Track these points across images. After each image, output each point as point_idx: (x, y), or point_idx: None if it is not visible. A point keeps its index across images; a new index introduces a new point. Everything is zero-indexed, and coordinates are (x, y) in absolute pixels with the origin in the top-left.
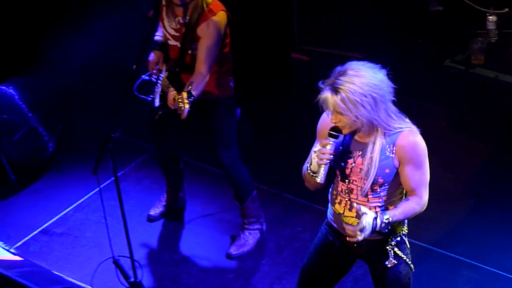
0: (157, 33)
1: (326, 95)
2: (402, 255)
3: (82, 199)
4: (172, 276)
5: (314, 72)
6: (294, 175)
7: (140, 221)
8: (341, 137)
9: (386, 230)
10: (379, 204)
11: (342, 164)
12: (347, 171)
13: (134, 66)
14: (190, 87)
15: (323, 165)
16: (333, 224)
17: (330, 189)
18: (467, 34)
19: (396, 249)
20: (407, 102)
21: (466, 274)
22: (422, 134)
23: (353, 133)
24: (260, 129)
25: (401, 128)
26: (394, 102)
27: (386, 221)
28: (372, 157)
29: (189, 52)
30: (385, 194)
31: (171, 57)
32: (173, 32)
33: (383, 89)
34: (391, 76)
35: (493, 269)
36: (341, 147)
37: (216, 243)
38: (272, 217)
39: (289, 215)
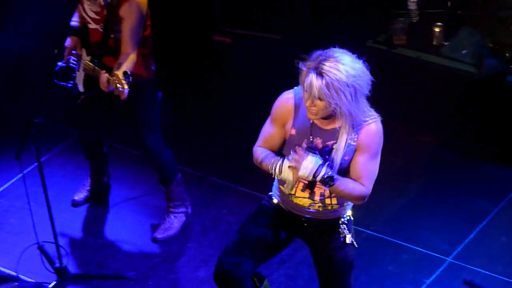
0: (73, 19)
1: (312, 78)
2: (348, 235)
3: (5, 186)
4: (98, 261)
5: (236, 54)
6: (219, 157)
7: (65, 207)
8: (304, 122)
9: (326, 187)
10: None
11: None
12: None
13: (56, 50)
14: (119, 68)
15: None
16: (280, 204)
17: None
18: (389, 14)
19: (346, 229)
20: None
21: (392, 253)
22: None
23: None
24: (184, 112)
25: (371, 119)
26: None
27: (330, 175)
28: (339, 147)
29: (112, 36)
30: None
31: (91, 41)
32: (93, 15)
33: (364, 80)
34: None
35: (418, 248)
36: (295, 132)
37: (141, 227)
38: (198, 200)
39: (214, 198)
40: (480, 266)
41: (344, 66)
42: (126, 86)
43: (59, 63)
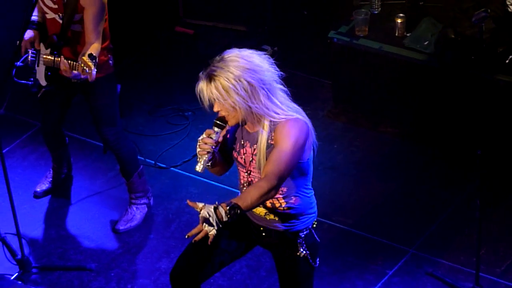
0: (34, 13)
1: (202, 84)
2: (309, 250)
3: None
4: (60, 252)
5: (198, 45)
6: (181, 148)
7: (26, 198)
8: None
9: (236, 215)
10: (280, 196)
11: (236, 152)
12: (241, 161)
13: (18, 41)
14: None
15: (204, 155)
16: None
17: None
18: (351, 5)
19: (305, 243)
20: (293, 74)
21: (354, 244)
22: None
23: (244, 123)
24: (145, 103)
25: (287, 116)
26: (289, 93)
27: (230, 207)
28: (260, 148)
29: (71, 27)
30: (283, 185)
31: (49, 33)
32: (51, 5)
33: (262, 73)
34: (276, 61)
35: (380, 239)
36: (230, 136)
37: (103, 218)
38: (160, 191)
39: (176, 189)
40: (442, 257)
41: (234, 63)
42: (93, 67)
43: (17, 63)
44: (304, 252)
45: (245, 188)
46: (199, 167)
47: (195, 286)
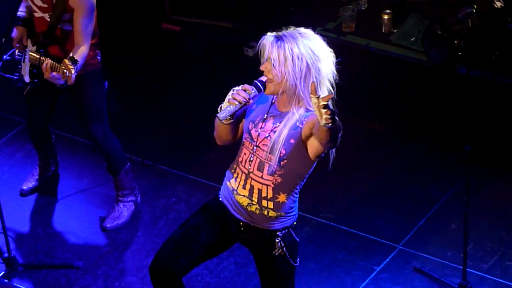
0: (20, 9)
1: (267, 39)
2: (287, 250)
3: None
4: (47, 250)
5: (185, 42)
6: (168, 146)
7: (13, 196)
8: (265, 100)
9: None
10: (272, 185)
11: (253, 123)
12: (254, 134)
13: (3, 39)
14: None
15: (232, 105)
16: (225, 203)
17: (231, 164)
18: (338, 2)
19: (282, 242)
20: None
21: (342, 240)
22: None
23: (274, 98)
24: (132, 100)
25: None
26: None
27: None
28: (284, 127)
29: (59, 26)
30: (281, 173)
31: (37, 30)
32: (40, 4)
33: (322, 63)
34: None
35: (368, 235)
36: (253, 105)
37: (91, 216)
38: (147, 188)
39: (163, 186)
40: (429, 253)
41: (304, 39)
42: (73, 71)
43: (4, 56)
44: (281, 250)
45: (238, 168)
46: (222, 114)
47: (174, 279)
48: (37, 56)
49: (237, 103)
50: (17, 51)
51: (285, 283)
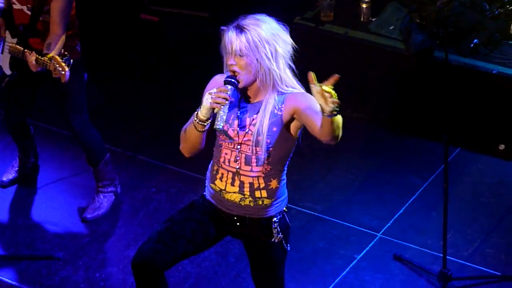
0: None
1: (231, 34)
2: (282, 234)
3: None
4: (27, 241)
5: (164, 32)
6: (148, 137)
7: None
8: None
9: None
10: (262, 175)
11: (228, 123)
12: (232, 133)
13: None
14: (48, 50)
15: (219, 110)
16: (213, 202)
17: (209, 167)
18: None
19: (279, 227)
20: None
21: (322, 229)
22: None
23: (241, 96)
24: (111, 91)
25: (294, 89)
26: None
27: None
28: (265, 114)
29: (41, 18)
30: (269, 161)
31: (16, 22)
32: None
33: (285, 45)
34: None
35: (348, 224)
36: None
37: (71, 207)
38: (127, 179)
39: (143, 177)
40: (410, 241)
41: (265, 24)
42: (66, 69)
43: None
44: (279, 236)
45: (220, 169)
46: (220, 123)
47: (157, 273)
48: (20, 48)
49: (221, 105)
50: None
51: (279, 269)
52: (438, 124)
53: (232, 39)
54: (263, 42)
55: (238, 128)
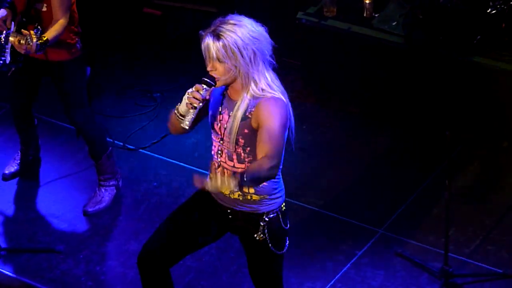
0: None
1: (208, 41)
2: (271, 235)
3: None
4: (28, 234)
5: (167, 26)
6: (150, 130)
7: None
8: (217, 95)
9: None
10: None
11: (214, 117)
12: (216, 127)
13: None
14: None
15: (191, 110)
16: (212, 194)
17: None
18: None
19: (268, 226)
20: None
21: (324, 225)
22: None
23: (225, 89)
24: (113, 86)
25: (270, 93)
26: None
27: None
28: (235, 115)
29: (34, 6)
30: (250, 159)
31: (17, 11)
32: None
33: (263, 43)
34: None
35: (350, 220)
36: (211, 101)
37: (72, 200)
38: (128, 173)
39: (145, 171)
40: (411, 237)
41: (241, 28)
42: (35, 39)
43: None
44: (262, 236)
45: (214, 160)
46: (185, 124)
47: (162, 270)
48: (16, 36)
49: (195, 105)
50: (3, 35)
51: (268, 269)
52: (441, 121)
53: (209, 46)
54: (240, 48)
55: (220, 123)
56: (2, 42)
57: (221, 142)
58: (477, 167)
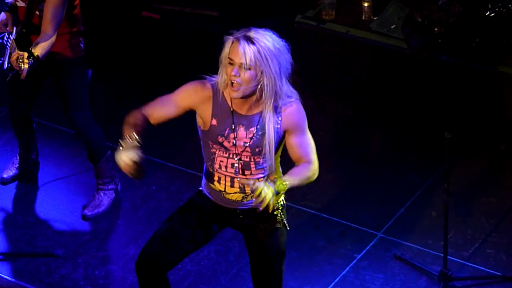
0: None
1: (244, 45)
2: (284, 220)
3: None
4: (27, 238)
5: (165, 30)
6: (148, 134)
7: None
8: (224, 110)
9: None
10: (262, 176)
11: (223, 136)
12: (227, 145)
13: None
14: (34, 47)
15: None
16: (211, 198)
17: (204, 167)
18: None
19: (281, 213)
20: None
21: (323, 228)
22: None
23: (231, 107)
24: (112, 88)
25: (290, 101)
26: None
27: (285, 185)
28: (268, 132)
29: (37, 13)
30: (267, 165)
31: (20, 19)
32: None
33: (286, 59)
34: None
35: (348, 223)
36: (216, 119)
37: (71, 204)
38: (127, 177)
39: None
40: (410, 240)
41: (272, 38)
42: (26, 66)
43: None
44: (283, 222)
45: (216, 173)
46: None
47: (160, 274)
48: (14, 45)
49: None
50: (5, 36)
51: (278, 262)
52: (439, 123)
53: (245, 49)
54: (271, 55)
55: (234, 141)
56: (4, 42)
57: (236, 157)
58: (475, 170)
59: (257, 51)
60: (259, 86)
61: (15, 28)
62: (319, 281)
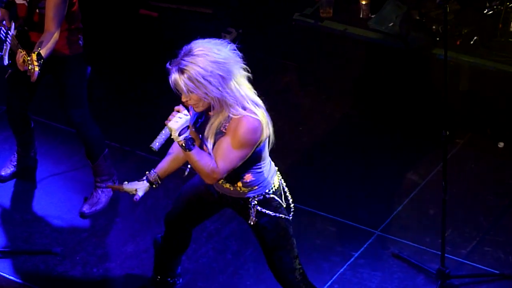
0: None
1: (175, 76)
2: (266, 211)
3: None
4: (25, 236)
5: (163, 28)
6: (147, 132)
7: None
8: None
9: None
10: (232, 175)
11: (200, 136)
12: (206, 150)
13: None
14: (39, 48)
15: (163, 132)
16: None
17: None
18: None
19: (258, 207)
20: (258, 57)
21: (320, 226)
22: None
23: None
24: (111, 86)
25: (243, 114)
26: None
27: (190, 139)
28: (210, 129)
29: (37, 10)
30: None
31: (19, 15)
32: None
33: (229, 64)
34: (241, 44)
35: (346, 221)
36: (198, 123)
37: (69, 202)
38: (125, 174)
39: (141, 172)
40: (408, 238)
41: (202, 58)
42: (37, 69)
43: None
44: (254, 219)
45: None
46: (154, 145)
47: (185, 230)
48: (16, 41)
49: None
50: (2, 30)
51: (277, 250)
52: (437, 122)
53: (177, 81)
54: (205, 77)
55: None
56: (2, 38)
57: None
58: (473, 168)
59: (187, 79)
60: (212, 101)
61: (13, 23)
62: (317, 279)
